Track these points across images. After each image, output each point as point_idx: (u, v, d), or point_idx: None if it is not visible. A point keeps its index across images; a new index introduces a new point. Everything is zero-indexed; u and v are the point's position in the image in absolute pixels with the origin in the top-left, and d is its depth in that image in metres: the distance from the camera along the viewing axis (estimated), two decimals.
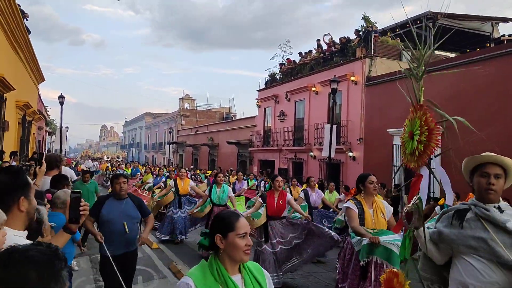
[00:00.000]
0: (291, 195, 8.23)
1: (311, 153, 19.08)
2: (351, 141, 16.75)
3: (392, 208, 4.87)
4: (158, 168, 18.12)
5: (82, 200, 2.37)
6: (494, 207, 2.45)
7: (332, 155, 15.23)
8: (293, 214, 8.07)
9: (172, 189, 9.94)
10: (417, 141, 2.46)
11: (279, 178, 6.71)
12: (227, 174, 17.21)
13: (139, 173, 18.26)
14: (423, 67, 2.68)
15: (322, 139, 16.99)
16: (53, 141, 38.23)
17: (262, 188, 13.40)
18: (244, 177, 15.59)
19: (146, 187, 13.62)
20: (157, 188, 12.89)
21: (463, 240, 2.45)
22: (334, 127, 15.39)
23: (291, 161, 20.86)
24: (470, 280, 2.42)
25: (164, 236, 9.76)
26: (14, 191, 1.94)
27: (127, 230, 4.48)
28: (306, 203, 9.25)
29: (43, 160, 4.48)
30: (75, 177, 13.87)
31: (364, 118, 16.12)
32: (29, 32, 13.66)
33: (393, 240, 4.33)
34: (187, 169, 19.71)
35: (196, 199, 10.08)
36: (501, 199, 2.52)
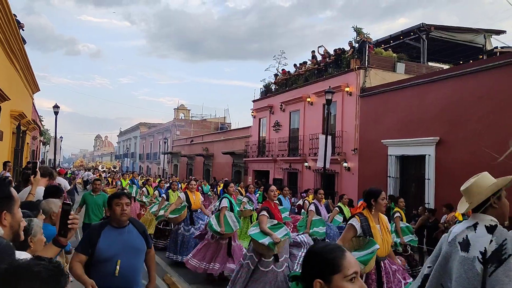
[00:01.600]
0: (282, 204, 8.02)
1: (306, 164, 19.10)
2: (346, 152, 16.80)
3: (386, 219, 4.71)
4: (158, 180, 16.78)
5: (72, 213, 2.34)
6: None
7: (327, 165, 15.25)
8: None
9: (185, 203, 8.88)
10: None
11: (273, 188, 6.23)
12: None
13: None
14: None
15: (317, 150, 17.02)
16: (47, 151, 38.01)
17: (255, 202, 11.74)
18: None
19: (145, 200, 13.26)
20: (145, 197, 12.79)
21: None
22: (329, 137, 15.44)
23: (286, 172, 20.86)
24: None
25: (178, 257, 8.61)
26: None
27: (117, 270, 3.28)
28: (320, 217, 8.51)
29: (37, 169, 4.45)
30: (68, 187, 13.81)
31: (359, 129, 16.19)
32: (24, 42, 13.66)
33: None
34: (194, 178, 17.82)
35: (206, 216, 9.06)
36: None
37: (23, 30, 13.65)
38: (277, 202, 8.62)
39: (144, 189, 14.11)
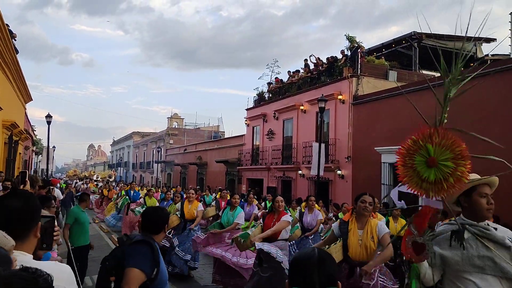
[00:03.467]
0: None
1: (299, 172, 19.11)
2: (339, 160, 16.84)
3: (383, 224, 4.59)
4: (166, 190, 14.91)
5: (55, 224, 2.32)
6: (488, 225, 2.56)
7: (321, 173, 15.28)
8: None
9: (177, 213, 8.66)
10: (449, 173, 2.28)
11: (280, 198, 6.25)
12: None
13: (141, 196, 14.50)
14: (450, 87, 2.65)
15: (311, 158, 17.05)
16: (39, 161, 37.76)
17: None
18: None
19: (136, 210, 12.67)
20: (139, 205, 12.24)
21: (469, 260, 2.50)
22: (323, 145, 15.48)
23: (279, 180, 20.85)
24: None
25: (177, 269, 8.29)
26: (31, 217, 1.92)
27: None
28: (298, 225, 8.49)
29: (27, 179, 4.41)
30: (61, 197, 13.70)
31: (352, 137, 16.26)
32: (17, 52, 13.63)
33: None
34: (194, 188, 15.65)
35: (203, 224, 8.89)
36: None
37: (15, 40, 13.62)
38: (297, 216, 8.79)
39: (141, 199, 13.50)
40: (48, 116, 21.56)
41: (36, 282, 1.19)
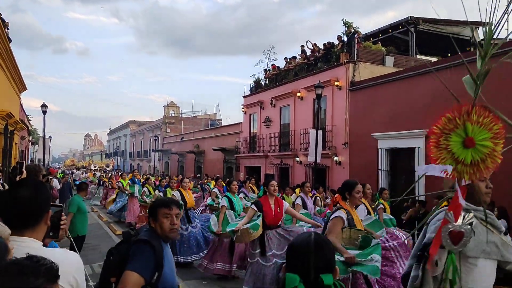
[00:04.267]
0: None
1: (297, 159, 19.12)
2: (336, 146, 16.85)
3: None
4: (160, 178, 15.92)
5: (63, 214, 2.32)
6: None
7: (318, 160, 15.29)
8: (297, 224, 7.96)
9: (180, 202, 8.44)
10: (487, 154, 2.14)
11: (274, 182, 6.18)
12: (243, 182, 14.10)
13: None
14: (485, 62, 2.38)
15: (308, 144, 17.05)
16: (36, 151, 37.66)
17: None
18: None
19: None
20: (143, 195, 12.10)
21: (480, 246, 2.48)
22: (320, 132, 15.47)
23: (277, 167, 20.88)
24: (483, 284, 2.49)
25: (179, 258, 8.27)
26: (41, 205, 1.95)
27: None
28: (306, 210, 8.53)
29: (24, 169, 4.37)
30: (59, 186, 13.69)
31: (349, 123, 16.24)
32: (10, 40, 13.47)
33: (367, 254, 4.17)
34: (198, 176, 15.71)
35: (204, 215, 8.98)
36: None
37: (8, 29, 13.45)
38: (299, 202, 8.66)
39: (145, 189, 13.55)
40: (44, 106, 21.39)
41: (37, 272, 1.18)
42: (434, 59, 18.99)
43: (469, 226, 2.28)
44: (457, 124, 2.18)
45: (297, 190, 10.18)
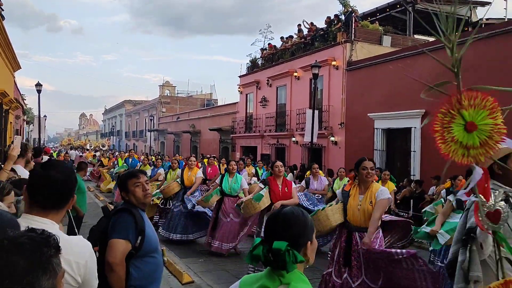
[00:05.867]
0: None
1: (293, 139, 19.16)
2: (332, 126, 16.88)
3: (386, 190, 4.51)
4: (156, 158, 15.39)
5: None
6: None
7: (314, 140, 15.33)
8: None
9: (178, 180, 8.83)
10: (488, 136, 2.18)
11: (279, 163, 6.23)
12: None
13: (139, 164, 14.99)
14: (456, 54, 2.45)
15: (304, 125, 17.07)
16: (31, 130, 37.45)
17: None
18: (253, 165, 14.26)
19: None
20: (154, 181, 11.10)
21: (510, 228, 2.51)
22: (316, 112, 15.47)
23: (273, 147, 20.93)
24: None
25: (170, 235, 8.47)
26: (72, 189, 1.95)
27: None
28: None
29: (14, 145, 4.24)
30: None
31: (346, 103, 16.24)
32: (3, 18, 13.26)
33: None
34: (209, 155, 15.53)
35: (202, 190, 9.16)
36: None
37: (1, 7, 13.23)
38: (303, 184, 8.90)
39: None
40: (38, 85, 21.21)
41: (47, 242, 1.20)
42: (431, 39, 18.89)
43: (502, 202, 2.35)
44: (453, 115, 2.26)
45: (308, 172, 10.07)
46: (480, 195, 2.29)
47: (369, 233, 4.20)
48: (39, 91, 21.30)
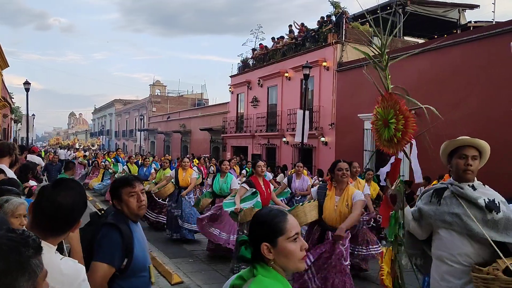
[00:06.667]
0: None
1: (284, 139, 19.20)
2: (323, 127, 16.94)
3: (361, 193, 4.79)
4: (144, 158, 16.17)
5: None
6: (469, 185, 2.69)
7: (305, 140, 15.37)
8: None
9: (172, 180, 8.88)
10: (394, 129, 2.66)
11: (261, 163, 6.23)
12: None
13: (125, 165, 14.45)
14: (386, 56, 3.03)
15: (295, 125, 17.11)
16: (19, 129, 37.02)
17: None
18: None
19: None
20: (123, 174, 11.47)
21: (440, 215, 2.70)
22: (307, 112, 15.52)
23: (264, 147, 20.95)
24: (443, 253, 2.68)
25: (173, 235, 8.67)
26: (77, 216, 1.87)
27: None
28: (289, 190, 8.69)
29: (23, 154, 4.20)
30: (43, 163, 13.53)
31: (336, 104, 16.31)
32: None
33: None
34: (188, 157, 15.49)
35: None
36: (475, 178, 2.75)
37: None
38: (285, 182, 8.77)
39: (125, 167, 13.43)
40: (26, 83, 20.94)
41: (26, 243, 1.18)
42: (421, 41, 19.06)
43: (399, 188, 2.81)
44: (377, 111, 2.85)
45: (292, 170, 10.13)
46: (388, 180, 2.92)
47: (342, 227, 4.37)
48: (27, 90, 21.04)
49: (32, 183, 5.32)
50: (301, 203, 5.00)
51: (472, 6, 18.59)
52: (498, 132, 9.95)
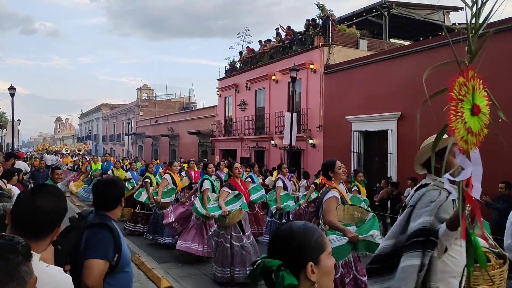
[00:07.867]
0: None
1: (272, 142, 19.22)
2: (311, 129, 17.00)
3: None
4: (130, 162, 15.37)
5: None
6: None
7: (293, 143, 15.41)
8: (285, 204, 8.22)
9: (172, 186, 8.76)
10: (485, 123, 1.96)
11: (238, 165, 6.47)
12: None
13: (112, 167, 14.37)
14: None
15: (283, 128, 17.15)
16: (4, 135, 36.50)
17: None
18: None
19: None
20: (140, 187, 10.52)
21: None
22: (294, 115, 15.56)
23: (252, 150, 20.95)
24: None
25: (159, 239, 8.63)
26: (56, 219, 1.83)
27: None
28: (286, 191, 8.67)
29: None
30: (28, 169, 13.37)
31: (323, 106, 16.38)
32: None
33: (368, 230, 4.10)
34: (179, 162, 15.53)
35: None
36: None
37: None
38: (249, 180, 8.90)
39: (110, 172, 13.34)
40: (11, 88, 20.71)
41: (15, 249, 1.17)
42: (406, 43, 19.26)
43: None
44: (467, 89, 1.94)
45: (275, 173, 10.25)
46: (470, 214, 1.95)
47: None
48: (12, 95, 20.78)
49: (14, 189, 5.25)
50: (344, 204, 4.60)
51: (456, 8, 18.86)
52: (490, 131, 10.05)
